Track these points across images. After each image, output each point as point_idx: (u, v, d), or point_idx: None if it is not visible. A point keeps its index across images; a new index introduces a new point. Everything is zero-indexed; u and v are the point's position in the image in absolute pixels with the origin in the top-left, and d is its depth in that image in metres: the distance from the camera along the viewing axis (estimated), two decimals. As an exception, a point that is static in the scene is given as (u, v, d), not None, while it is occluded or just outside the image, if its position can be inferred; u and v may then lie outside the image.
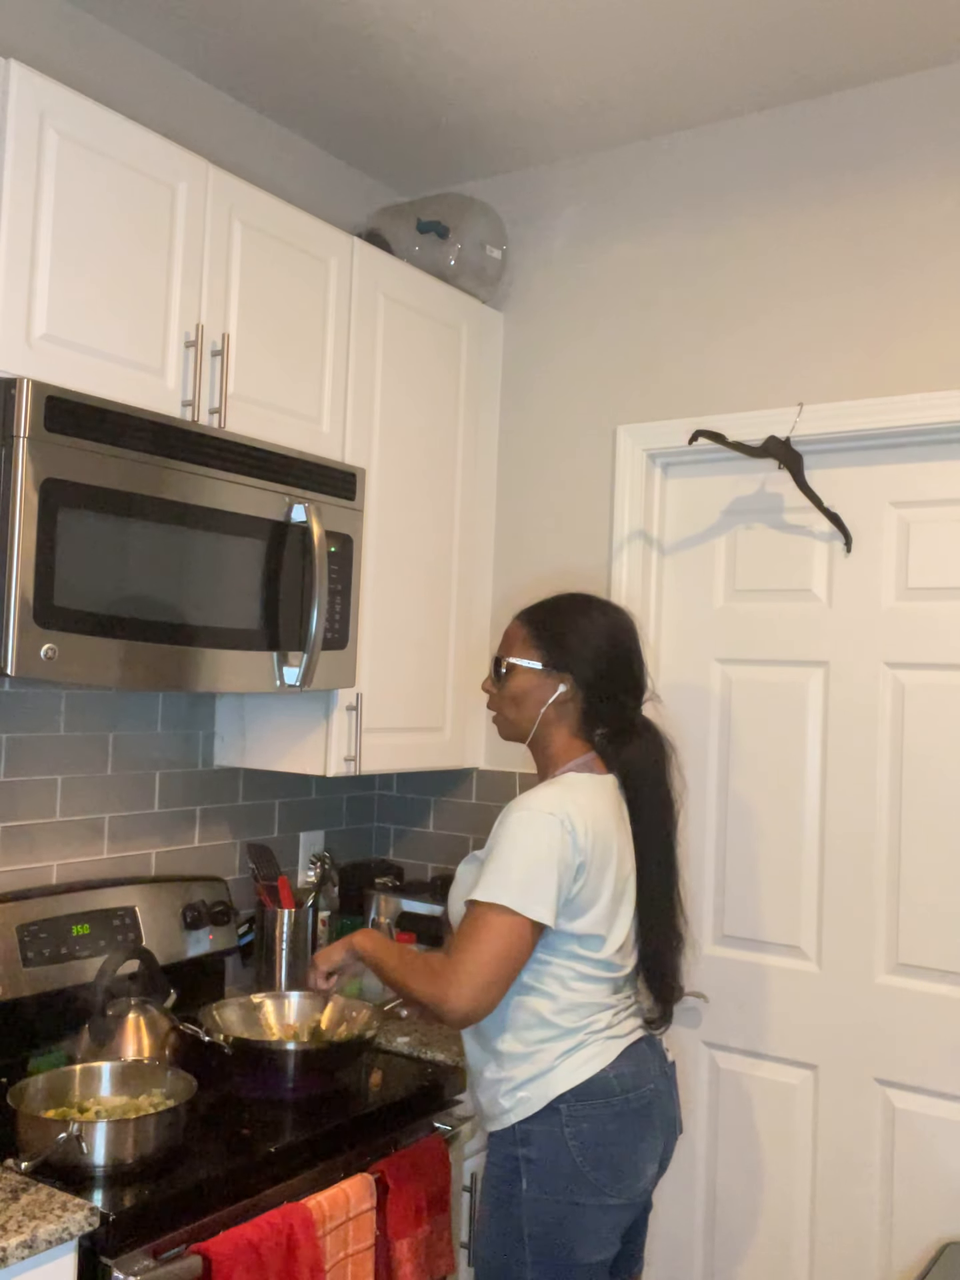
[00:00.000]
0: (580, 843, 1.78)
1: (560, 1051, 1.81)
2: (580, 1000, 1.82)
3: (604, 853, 1.82)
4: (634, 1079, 1.84)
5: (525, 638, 1.95)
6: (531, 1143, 1.79)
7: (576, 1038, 1.82)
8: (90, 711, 2.36)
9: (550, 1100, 1.79)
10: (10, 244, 1.80)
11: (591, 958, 1.82)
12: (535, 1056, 1.81)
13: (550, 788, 1.84)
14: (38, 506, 1.76)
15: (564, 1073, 1.80)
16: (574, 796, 1.82)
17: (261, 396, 2.23)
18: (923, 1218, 2.29)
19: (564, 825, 1.77)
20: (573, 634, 1.92)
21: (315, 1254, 1.79)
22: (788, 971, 2.47)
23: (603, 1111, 1.80)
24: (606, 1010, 1.86)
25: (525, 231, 2.89)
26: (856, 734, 2.42)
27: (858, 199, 2.45)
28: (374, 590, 2.51)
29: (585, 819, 1.79)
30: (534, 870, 1.74)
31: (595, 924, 1.82)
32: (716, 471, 2.62)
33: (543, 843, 1.75)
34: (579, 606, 1.97)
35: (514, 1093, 1.81)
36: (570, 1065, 1.80)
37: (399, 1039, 2.38)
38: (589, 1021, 1.83)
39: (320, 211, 2.66)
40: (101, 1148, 1.70)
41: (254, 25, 2.35)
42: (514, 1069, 1.82)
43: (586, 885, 1.80)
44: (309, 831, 2.88)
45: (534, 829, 1.77)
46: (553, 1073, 1.80)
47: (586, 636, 1.92)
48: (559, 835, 1.76)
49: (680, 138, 2.69)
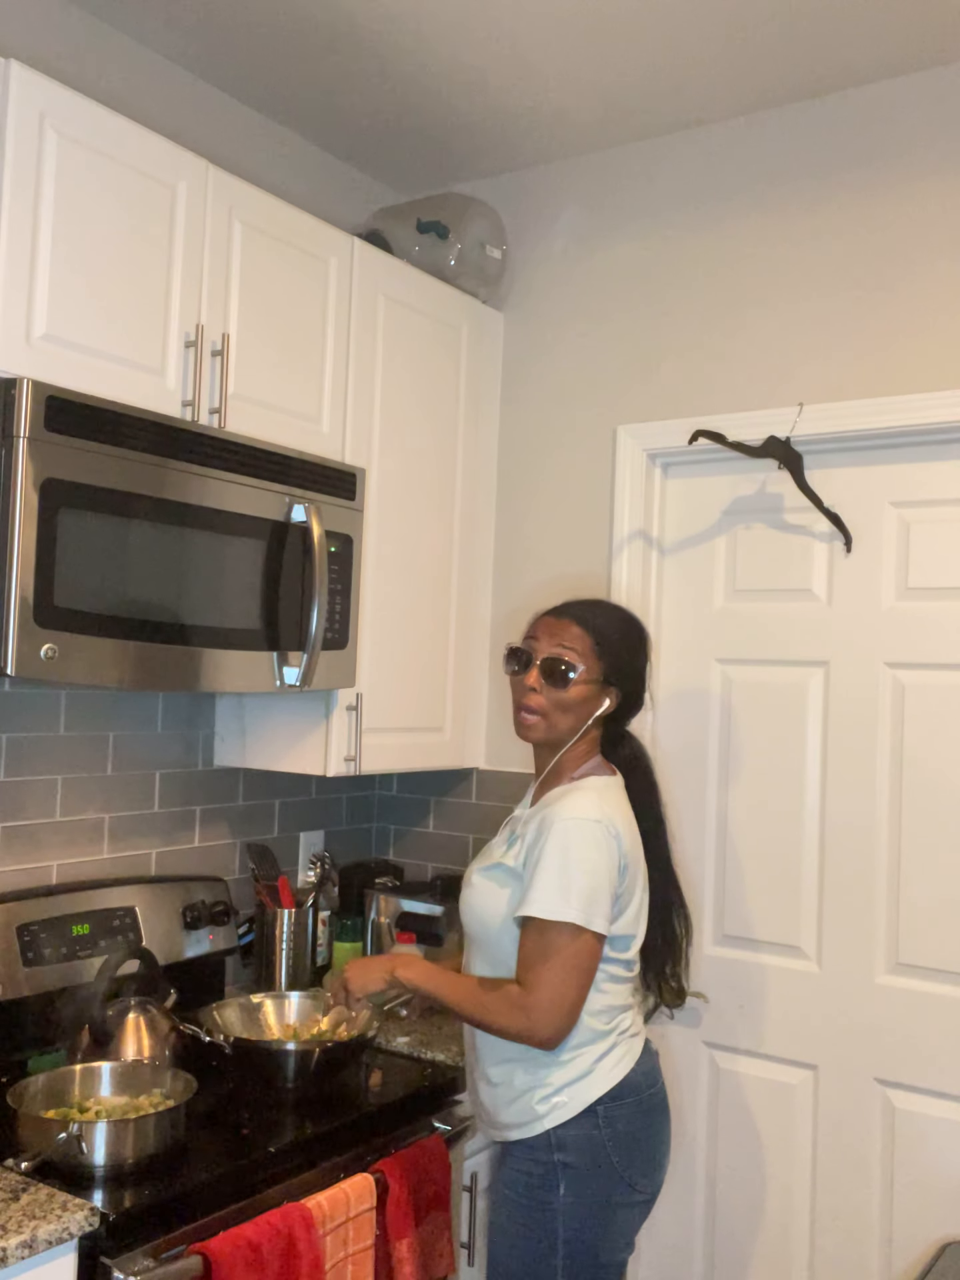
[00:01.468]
0: (624, 846, 1.79)
1: (597, 1055, 1.81)
2: (610, 1002, 1.83)
3: (637, 852, 1.84)
4: (652, 1075, 1.87)
5: (590, 649, 1.89)
6: (568, 1148, 1.79)
7: (609, 1040, 1.82)
8: (90, 711, 2.36)
9: (589, 1104, 1.79)
10: (10, 244, 1.80)
11: (620, 958, 1.83)
12: (574, 1062, 1.80)
13: (585, 794, 1.82)
14: (38, 506, 1.76)
15: (601, 1075, 1.80)
16: (609, 798, 1.83)
17: (261, 396, 2.23)
18: (923, 1218, 2.29)
19: (609, 831, 1.77)
20: (632, 657, 1.93)
21: (315, 1254, 1.79)
22: (788, 971, 2.47)
23: (633, 1110, 1.81)
24: (629, 1010, 1.88)
25: (525, 231, 2.89)
26: (856, 734, 2.42)
27: (857, 199, 2.45)
28: (374, 590, 2.51)
29: (622, 821, 1.81)
30: (594, 882, 1.74)
31: (629, 924, 1.83)
32: (716, 471, 2.62)
33: (596, 852, 1.75)
34: (638, 631, 1.97)
35: (550, 1098, 1.80)
36: (606, 1067, 1.81)
37: (399, 1039, 2.38)
38: (617, 1022, 1.84)
39: (320, 211, 2.66)
40: (101, 1148, 1.70)
41: (254, 25, 2.35)
42: (550, 1075, 1.81)
43: (628, 887, 1.81)
44: (309, 831, 2.88)
45: (585, 838, 1.75)
46: (591, 1076, 1.80)
47: (636, 654, 1.94)
48: (607, 842, 1.76)
49: (680, 138, 2.69)
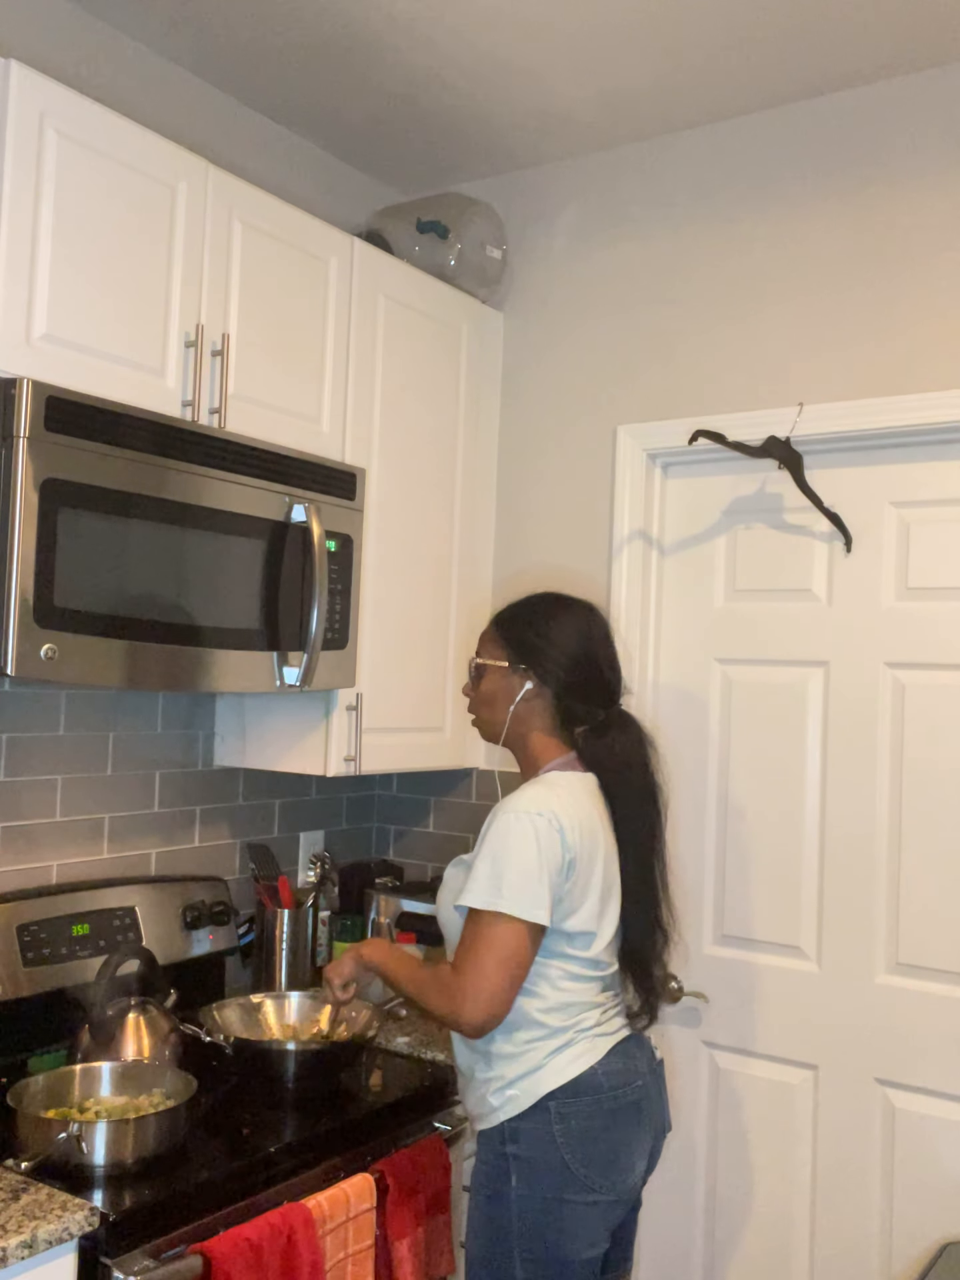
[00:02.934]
0: (569, 840, 1.78)
1: (549, 1050, 1.81)
2: (569, 999, 1.83)
3: (591, 849, 1.83)
4: (622, 1076, 1.84)
5: (492, 638, 1.97)
6: (520, 1140, 1.79)
7: (565, 1036, 1.82)
8: (90, 711, 2.36)
9: (539, 1098, 1.79)
10: (10, 244, 1.80)
11: (581, 956, 1.83)
12: (524, 1056, 1.81)
13: (534, 787, 1.84)
14: (38, 506, 1.76)
15: (553, 1070, 1.80)
16: (558, 794, 1.82)
17: (261, 396, 2.23)
18: (923, 1218, 2.29)
19: (552, 824, 1.77)
20: (535, 632, 1.93)
21: (315, 1254, 1.79)
22: (787, 971, 2.47)
23: (591, 1109, 1.80)
24: (595, 1008, 1.86)
25: (525, 231, 2.89)
26: (856, 734, 2.42)
27: (857, 199, 2.45)
28: (374, 590, 2.51)
29: (571, 816, 1.80)
30: (528, 873, 1.74)
31: (586, 921, 1.82)
32: (716, 471, 2.62)
33: (533, 844, 1.75)
34: (544, 605, 1.97)
35: (503, 1091, 1.81)
36: (559, 1063, 1.80)
37: (399, 1039, 2.38)
38: (577, 1020, 1.83)
39: (320, 211, 2.66)
40: (101, 1148, 1.70)
41: (254, 25, 2.35)
42: (503, 1068, 1.82)
43: (577, 883, 1.80)
44: (309, 831, 2.88)
45: (523, 830, 1.77)
46: (541, 1071, 1.80)
47: (549, 634, 1.92)
48: (548, 834, 1.76)
49: (680, 138, 2.69)
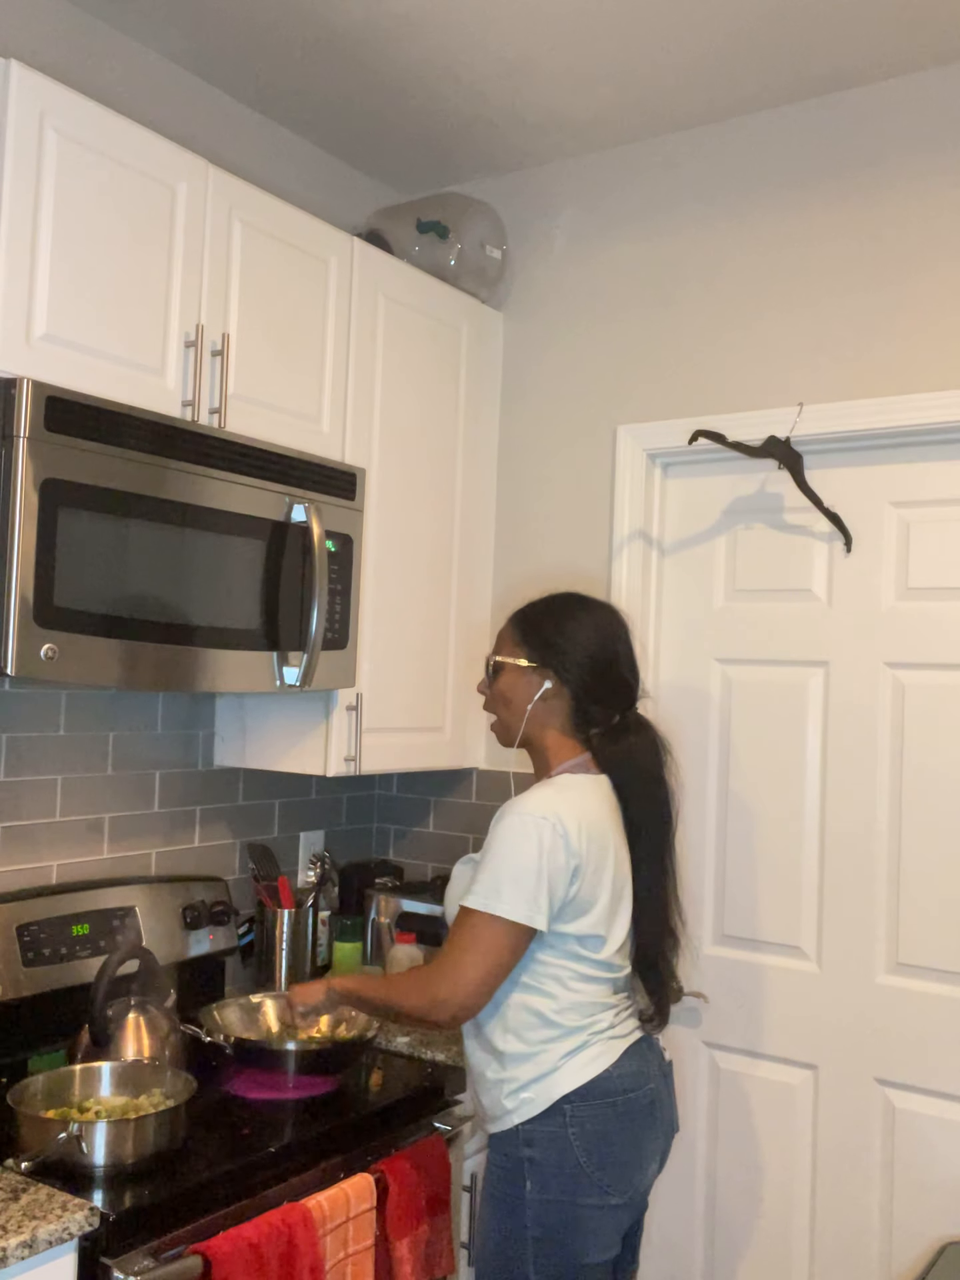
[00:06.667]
0: (573, 844, 1.77)
1: (564, 1052, 1.80)
2: (581, 1000, 1.82)
3: (600, 853, 1.82)
4: (636, 1079, 1.84)
5: (512, 636, 1.97)
6: (535, 1144, 1.79)
7: (580, 1038, 1.81)
8: (90, 711, 2.36)
9: (554, 1101, 1.78)
10: (10, 244, 1.80)
11: (592, 958, 1.82)
12: (538, 1057, 1.81)
13: (543, 789, 1.84)
14: (38, 506, 1.76)
15: (568, 1073, 1.79)
16: (566, 797, 1.82)
17: (261, 396, 2.23)
18: (923, 1218, 2.29)
19: (555, 828, 1.76)
20: (557, 631, 1.93)
21: (315, 1254, 1.79)
22: (788, 971, 2.47)
23: (606, 1111, 1.79)
24: (608, 1010, 1.86)
25: (525, 231, 2.89)
26: (856, 734, 2.42)
27: (858, 199, 2.45)
28: (374, 590, 2.51)
29: (578, 820, 1.79)
30: (525, 876, 1.74)
31: (595, 924, 1.81)
32: (716, 471, 2.62)
33: (534, 847, 1.75)
34: (566, 605, 1.98)
35: (518, 1094, 1.81)
36: (574, 1065, 1.80)
37: (399, 1039, 2.38)
38: (591, 1021, 1.83)
39: (320, 211, 2.66)
40: (101, 1148, 1.70)
41: (254, 25, 2.35)
42: (517, 1069, 1.81)
43: (584, 886, 1.79)
44: (309, 831, 2.88)
45: (525, 833, 1.76)
46: (557, 1073, 1.80)
47: (571, 634, 1.92)
48: (550, 839, 1.76)
49: (680, 138, 2.68)
